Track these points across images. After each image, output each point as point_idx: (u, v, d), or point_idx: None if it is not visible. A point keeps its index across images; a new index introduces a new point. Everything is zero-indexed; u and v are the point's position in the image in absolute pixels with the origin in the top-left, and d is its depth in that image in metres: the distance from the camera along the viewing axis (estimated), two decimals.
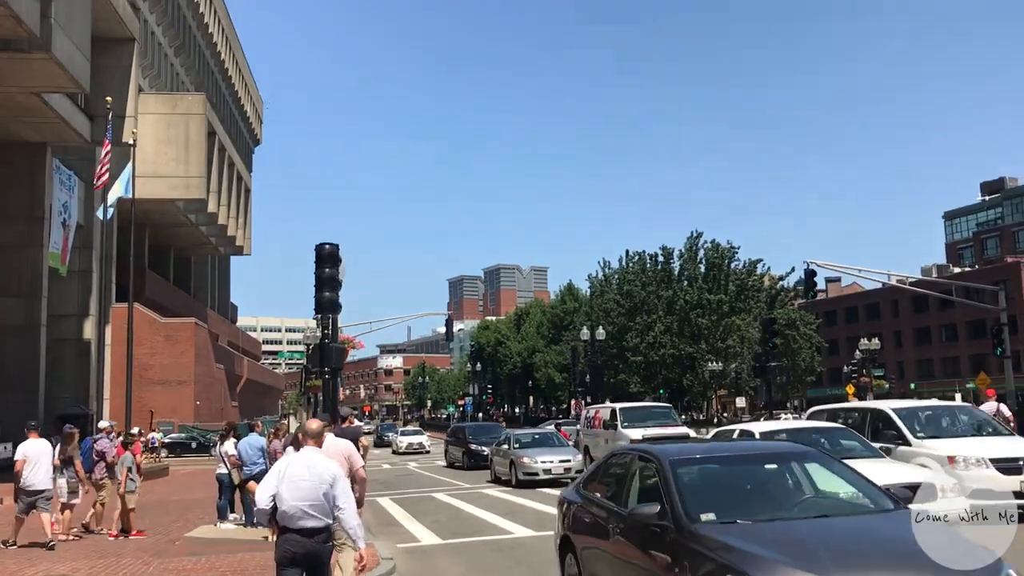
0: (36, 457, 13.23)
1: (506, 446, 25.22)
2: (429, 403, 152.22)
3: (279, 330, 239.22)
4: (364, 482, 9.80)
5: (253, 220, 70.86)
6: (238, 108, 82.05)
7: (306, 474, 6.36)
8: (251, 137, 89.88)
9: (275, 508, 6.31)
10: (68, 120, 37.78)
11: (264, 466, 14.64)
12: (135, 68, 44.17)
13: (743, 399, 59.15)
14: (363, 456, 13.58)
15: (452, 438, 35.96)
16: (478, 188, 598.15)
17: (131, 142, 39.32)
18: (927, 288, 58.82)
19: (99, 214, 32.23)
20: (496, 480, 25.58)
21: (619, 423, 25.67)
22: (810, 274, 29.26)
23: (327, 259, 11.63)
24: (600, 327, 39.18)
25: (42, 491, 13.24)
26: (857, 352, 51.39)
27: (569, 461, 23.44)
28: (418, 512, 17.95)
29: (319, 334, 12.03)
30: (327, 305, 11.60)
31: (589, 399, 43.81)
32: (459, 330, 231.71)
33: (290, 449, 12.60)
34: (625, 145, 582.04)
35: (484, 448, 30.05)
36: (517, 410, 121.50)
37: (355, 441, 13.30)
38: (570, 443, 26.73)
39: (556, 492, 17.49)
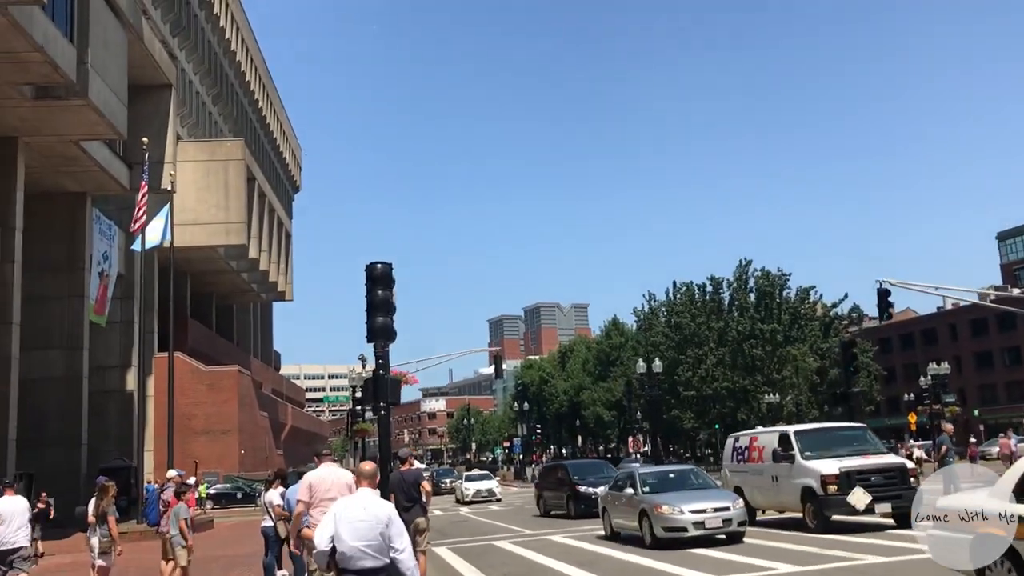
0: (9, 515, 12.49)
1: (630, 490, 18.89)
2: (474, 446, 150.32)
3: (322, 377, 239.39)
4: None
5: (294, 267, 70.50)
6: (277, 155, 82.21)
7: (363, 515, 6.49)
8: (290, 184, 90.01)
9: (334, 550, 6.44)
10: (107, 168, 37.45)
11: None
12: (173, 114, 43.94)
13: None
14: (426, 503, 12.29)
15: (548, 480, 29.74)
16: (516, 226, 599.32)
17: (170, 188, 38.88)
18: (1010, 305, 55.34)
19: (135, 246, 31.43)
20: (613, 536, 19.58)
21: (797, 453, 18.70)
22: (884, 294, 27.37)
23: (379, 280, 10.29)
24: (656, 359, 37.49)
25: (17, 550, 12.40)
26: (923, 378, 48.93)
27: (728, 510, 17.24)
28: None
29: (371, 365, 10.55)
30: (380, 331, 10.32)
31: (641, 436, 42.41)
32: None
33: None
34: (661, 172, 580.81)
35: (593, 490, 24.79)
36: (564, 450, 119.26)
37: (416, 486, 12.01)
38: (718, 484, 20.76)
39: (712, 553, 15.39)
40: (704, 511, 16.99)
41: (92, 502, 14.03)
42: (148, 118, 40.56)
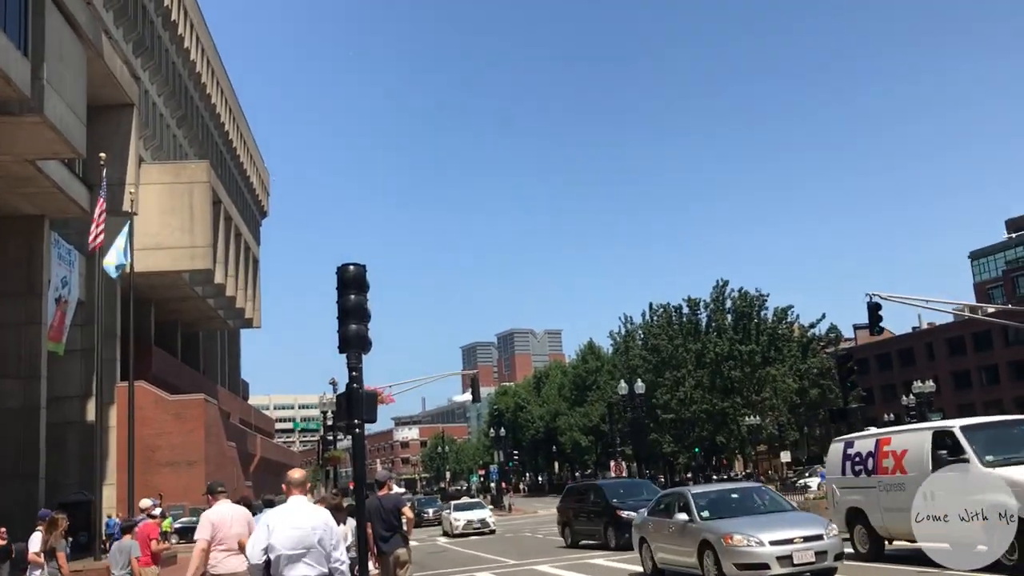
0: None
1: (682, 515, 14.99)
2: (448, 474, 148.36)
3: (292, 407, 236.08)
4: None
5: (262, 294, 68.94)
6: (244, 180, 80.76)
7: (297, 521, 6.29)
8: (258, 209, 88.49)
9: (268, 563, 6.18)
10: (65, 189, 36.00)
11: None
12: (135, 135, 42.59)
13: (787, 453, 55.97)
14: (407, 532, 11.11)
15: (577, 504, 25.70)
16: (488, 252, 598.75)
17: (131, 210, 37.47)
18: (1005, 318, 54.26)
19: (107, 267, 29.96)
20: (658, 574, 16.08)
21: (972, 456, 13.50)
22: (874, 308, 26.41)
23: (352, 283, 9.09)
24: (639, 380, 36.45)
25: None
26: (904, 397, 48.30)
27: (821, 539, 13.42)
28: None
29: (344, 380, 9.35)
30: (354, 340, 9.18)
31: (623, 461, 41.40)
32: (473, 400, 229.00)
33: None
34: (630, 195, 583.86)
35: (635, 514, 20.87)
36: (540, 477, 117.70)
37: (396, 513, 10.79)
38: (792, 505, 17.19)
39: None
40: (790, 541, 13.10)
41: (37, 536, 12.73)
42: (109, 138, 39.12)
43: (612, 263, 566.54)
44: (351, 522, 9.74)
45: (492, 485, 75.22)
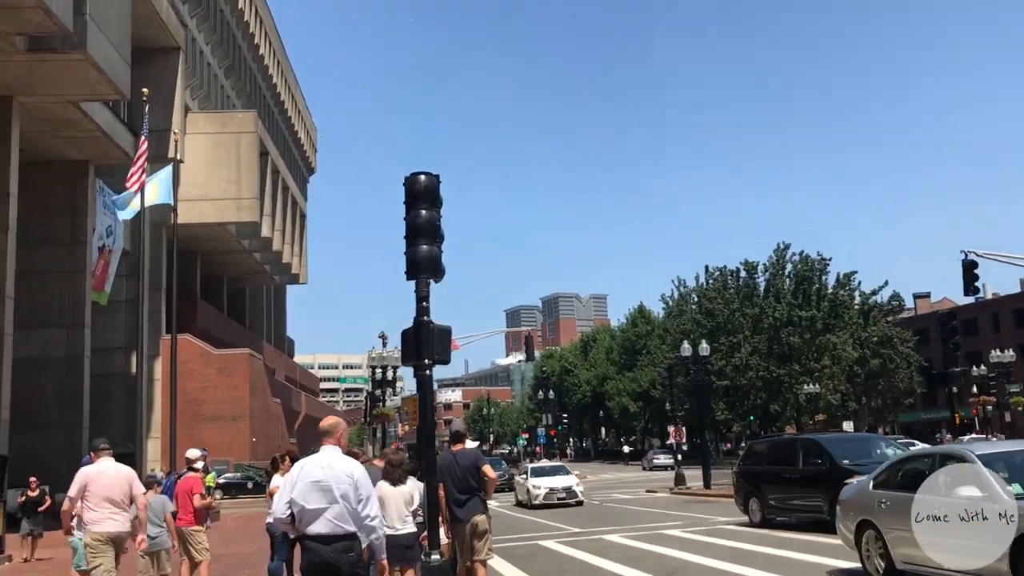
0: None
1: (969, 490, 9.14)
2: (492, 437, 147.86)
3: (336, 367, 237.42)
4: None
5: (308, 251, 67.93)
6: (291, 134, 79.57)
7: (319, 475, 5.71)
8: (305, 166, 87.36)
9: (293, 517, 5.69)
10: (110, 133, 35.02)
11: None
12: (180, 80, 41.45)
13: (849, 424, 53.76)
14: (487, 495, 9.16)
15: (781, 464, 19.20)
16: (534, 215, 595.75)
17: (177, 157, 36.33)
18: None
19: (125, 215, 28.73)
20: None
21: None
22: (970, 266, 23.96)
23: (423, 196, 7.64)
24: (703, 341, 34.59)
25: None
26: (975, 368, 45.74)
27: None
28: None
29: (398, 324, 7.68)
30: (424, 264, 7.58)
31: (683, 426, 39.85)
32: (518, 361, 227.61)
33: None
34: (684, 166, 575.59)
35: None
36: (583, 443, 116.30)
37: (474, 472, 8.97)
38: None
39: None
40: None
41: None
42: (154, 83, 37.88)
43: (662, 230, 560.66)
44: (415, 482, 8.07)
45: (538, 448, 73.99)
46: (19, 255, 31.27)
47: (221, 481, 42.26)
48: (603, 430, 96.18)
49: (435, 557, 7.48)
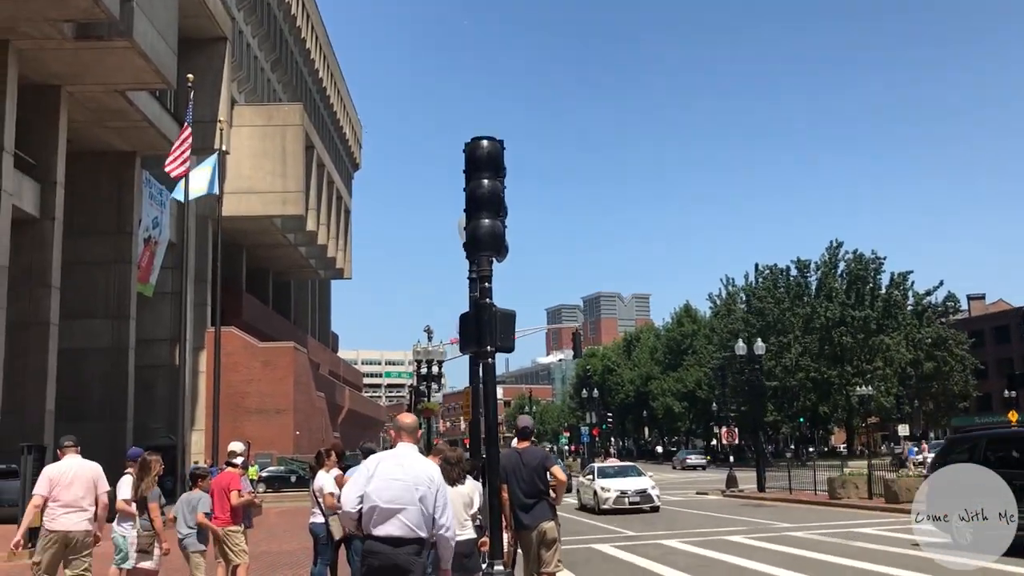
0: None
1: None
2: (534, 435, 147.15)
3: (379, 363, 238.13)
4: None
5: (353, 247, 67.66)
6: (336, 129, 79.43)
7: (398, 473, 5.32)
8: (350, 161, 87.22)
9: (361, 514, 5.29)
10: (156, 123, 34.84)
11: None
12: (227, 71, 41.21)
13: (905, 427, 51.94)
14: (556, 500, 8.22)
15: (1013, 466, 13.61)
16: (574, 214, 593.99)
17: (222, 148, 36.07)
18: None
19: (176, 194, 28.35)
20: None
21: None
22: None
23: (485, 164, 6.80)
24: (759, 339, 33.44)
25: None
26: None
27: None
28: None
29: (476, 293, 6.72)
30: (486, 240, 6.68)
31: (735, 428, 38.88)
32: (559, 360, 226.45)
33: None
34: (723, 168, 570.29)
35: None
36: (623, 443, 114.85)
37: (542, 473, 8.03)
38: None
39: None
40: None
41: (127, 481, 10.19)
42: (200, 73, 37.67)
43: (708, 229, 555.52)
44: (474, 483, 7.22)
45: (574, 447, 72.81)
46: (65, 245, 31.23)
47: (264, 475, 42.00)
48: (646, 430, 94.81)
49: (498, 568, 6.67)
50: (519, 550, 8.11)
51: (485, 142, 6.85)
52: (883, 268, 58.29)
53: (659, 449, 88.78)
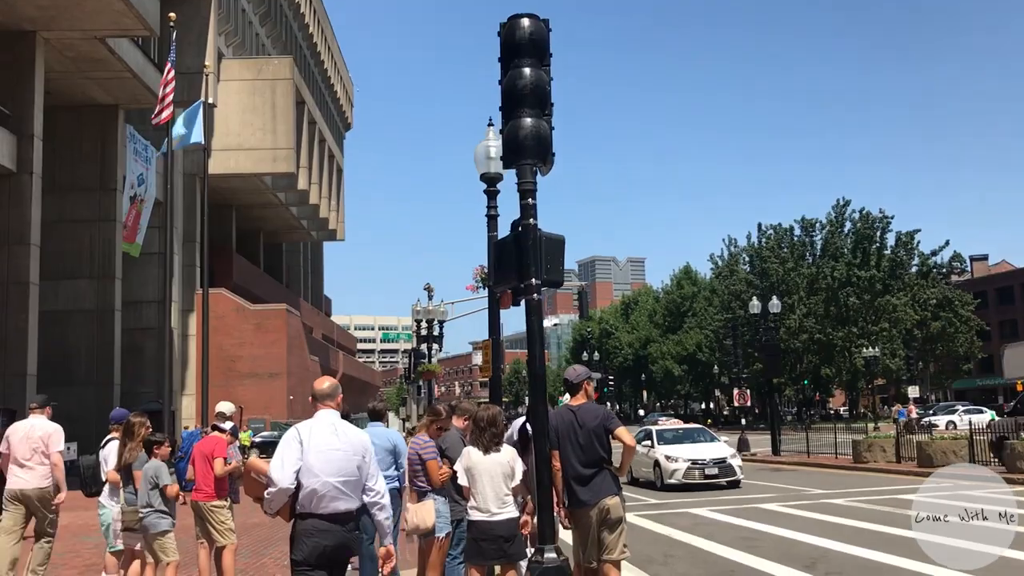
0: None
1: None
2: (527, 399, 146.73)
3: (372, 327, 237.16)
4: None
5: (346, 208, 66.07)
6: (327, 87, 77.39)
7: (335, 442, 4.92)
8: (342, 121, 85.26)
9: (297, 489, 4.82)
10: (140, 75, 33.19)
11: (398, 483, 8.45)
12: (213, 21, 39.40)
13: (915, 388, 50.87)
14: (621, 470, 6.47)
15: None
16: (569, 179, 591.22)
17: (209, 100, 34.41)
18: None
19: (161, 150, 26.86)
20: None
21: None
22: None
23: (526, 49, 5.34)
24: (774, 297, 32.20)
25: None
26: None
27: None
28: None
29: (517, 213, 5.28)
30: (529, 145, 5.23)
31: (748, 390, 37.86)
32: (555, 324, 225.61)
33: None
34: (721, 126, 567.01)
35: None
36: (622, 406, 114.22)
37: (605, 434, 6.22)
38: None
39: None
40: None
41: (113, 448, 8.55)
42: (186, 22, 35.86)
43: (707, 193, 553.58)
44: (511, 450, 5.77)
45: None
46: (47, 203, 29.79)
47: (257, 440, 40.82)
48: (645, 394, 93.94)
49: (549, 556, 5.34)
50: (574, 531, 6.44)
51: (526, 21, 5.39)
52: (890, 227, 57.02)
53: (641, 412, 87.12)
